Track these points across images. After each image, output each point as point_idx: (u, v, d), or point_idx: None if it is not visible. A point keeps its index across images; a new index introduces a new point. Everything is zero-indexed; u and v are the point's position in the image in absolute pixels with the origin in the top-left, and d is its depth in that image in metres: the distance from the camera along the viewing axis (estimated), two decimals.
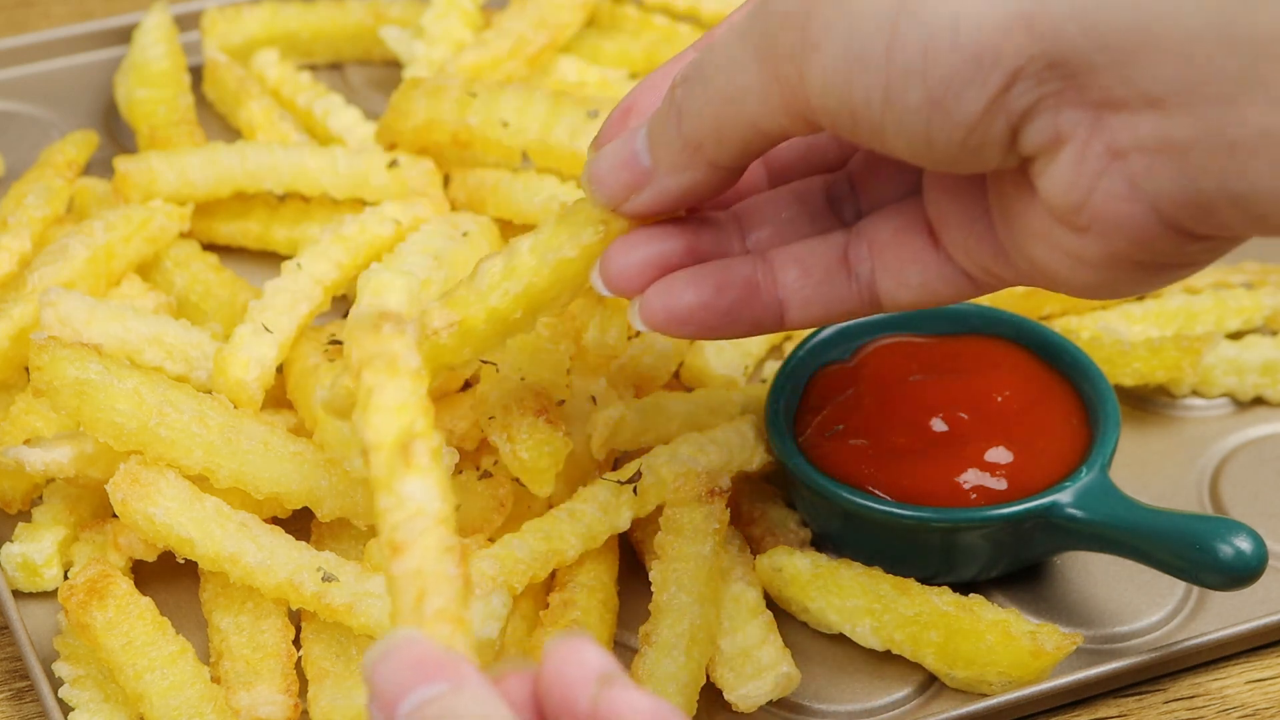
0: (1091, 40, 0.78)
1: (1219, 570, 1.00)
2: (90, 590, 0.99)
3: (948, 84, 0.80)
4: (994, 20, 0.79)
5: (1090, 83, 0.80)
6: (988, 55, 0.79)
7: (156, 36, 1.31)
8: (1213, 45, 0.77)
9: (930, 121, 0.82)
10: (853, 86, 0.82)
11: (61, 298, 1.08)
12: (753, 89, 0.86)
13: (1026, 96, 0.81)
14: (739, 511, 1.08)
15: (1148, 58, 0.78)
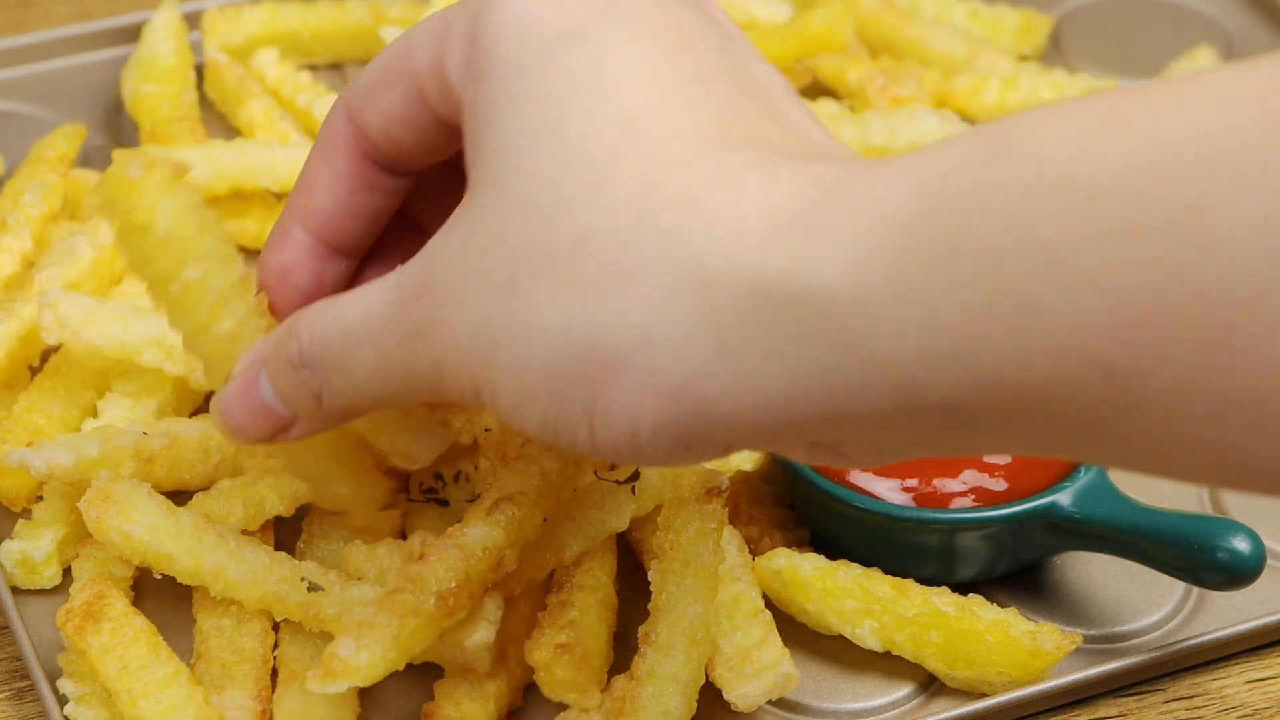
0: (796, 437, 0.78)
1: (1218, 570, 1.00)
2: (86, 614, 0.99)
3: (674, 457, 0.80)
4: (690, 427, 0.78)
5: (799, 455, 0.83)
6: (698, 445, 0.79)
7: (166, 33, 1.31)
8: None
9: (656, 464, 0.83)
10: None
11: (60, 300, 1.08)
12: (419, 396, 0.85)
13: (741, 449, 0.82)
14: (738, 511, 1.08)
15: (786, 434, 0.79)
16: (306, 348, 0.87)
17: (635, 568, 1.07)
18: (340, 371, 0.86)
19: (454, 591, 0.95)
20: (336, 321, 0.87)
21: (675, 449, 0.79)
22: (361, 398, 0.86)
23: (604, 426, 0.78)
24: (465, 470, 1.09)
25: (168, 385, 1.11)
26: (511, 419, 0.80)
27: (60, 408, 1.11)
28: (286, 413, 0.89)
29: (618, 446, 0.79)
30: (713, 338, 0.75)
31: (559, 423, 0.79)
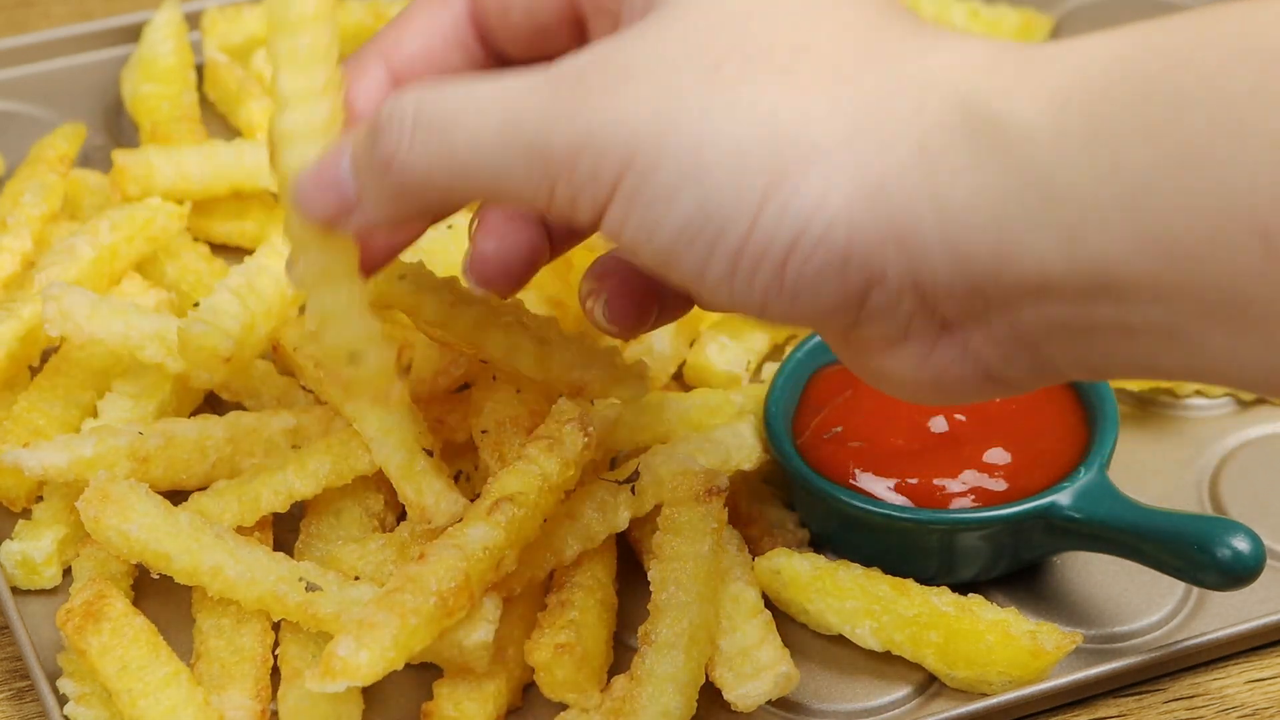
0: (956, 265, 0.77)
1: (1218, 570, 1.00)
2: (86, 614, 0.99)
3: (806, 278, 0.79)
4: (867, 230, 0.77)
5: (944, 304, 0.79)
6: (855, 261, 0.78)
7: (166, 33, 1.31)
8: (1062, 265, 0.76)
9: (770, 297, 0.80)
10: (690, 248, 0.80)
11: (64, 293, 1.08)
12: (509, 182, 0.83)
13: (880, 302, 0.80)
14: (737, 512, 1.08)
15: (1004, 273, 0.78)
16: (406, 107, 0.84)
17: (635, 568, 1.07)
18: (441, 132, 0.83)
19: (454, 591, 0.95)
20: (456, 92, 0.84)
21: (834, 272, 0.78)
22: (443, 172, 0.83)
23: (772, 217, 0.78)
24: (465, 470, 1.09)
25: (167, 385, 1.11)
26: (654, 207, 0.79)
27: (60, 408, 1.11)
28: (353, 188, 0.87)
29: (777, 244, 0.78)
30: (917, 140, 0.77)
31: (717, 209, 0.78)
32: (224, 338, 1.06)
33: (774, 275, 0.79)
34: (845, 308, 0.80)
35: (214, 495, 1.05)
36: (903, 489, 1.04)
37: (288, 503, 1.06)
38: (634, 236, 0.80)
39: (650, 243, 0.80)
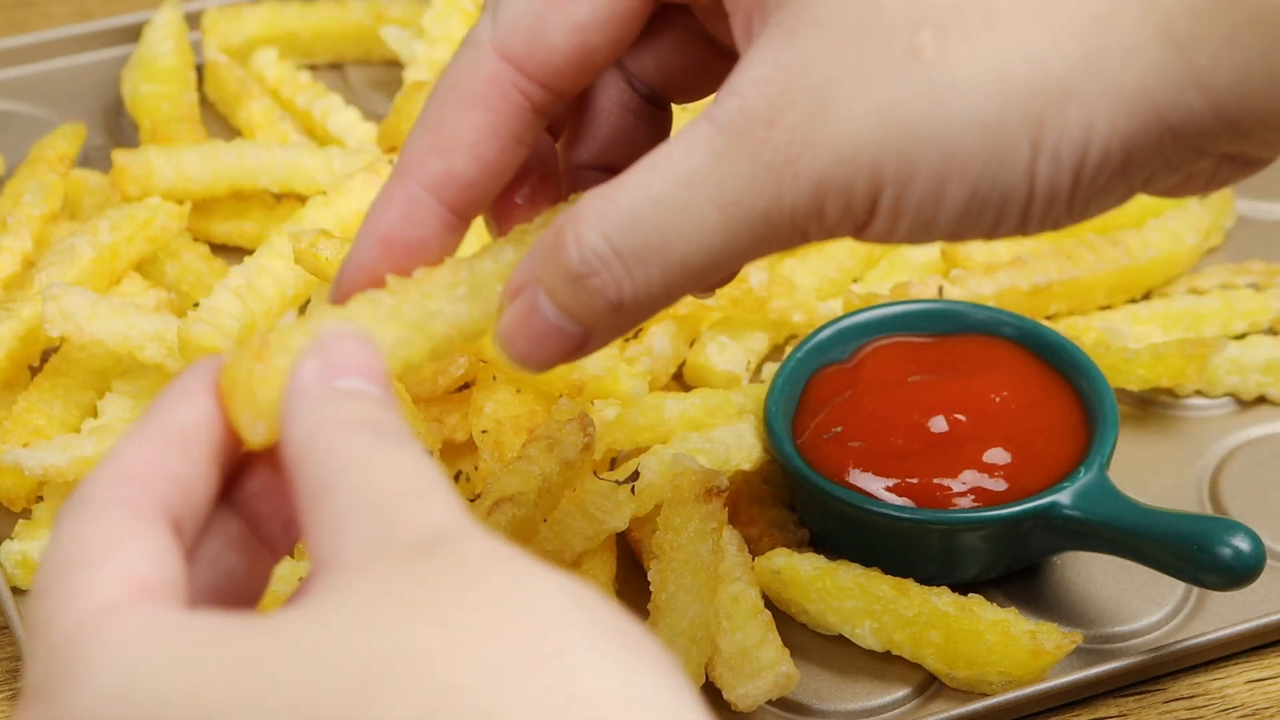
0: (1232, 129, 0.77)
1: (1218, 570, 1.00)
2: None
3: (1094, 196, 0.77)
4: (1139, 137, 0.76)
5: (1224, 151, 0.79)
6: (1136, 165, 0.77)
7: (166, 33, 1.31)
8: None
9: (1063, 222, 0.79)
10: (976, 226, 0.77)
11: (64, 292, 1.08)
12: (755, 253, 0.77)
13: (1161, 174, 0.79)
14: (737, 512, 1.08)
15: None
16: (597, 247, 0.77)
17: (635, 568, 1.07)
18: (662, 253, 0.77)
19: None
20: (636, 198, 0.77)
21: (1118, 178, 0.76)
22: (689, 276, 0.78)
23: (1047, 168, 0.75)
24: (465, 470, 1.09)
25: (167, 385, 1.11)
26: (923, 209, 0.76)
27: (60, 408, 1.11)
28: (578, 330, 0.80)
29: (1061, 187, 0.76)
30: (1165, 37, 0.74)
31: (992, 186, 0.75)
32: (224, 338, 1.06)
33: (1064, 209, 0.77)
34: (1127, 195, 0.79)
35: None
36: (903, 489, 1.04)
37: None
38: (908, 236, 0.77)
39: (930, 233, 0.77)
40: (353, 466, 0.70)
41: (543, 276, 0.79)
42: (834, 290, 1.20)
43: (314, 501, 0.70)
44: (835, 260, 1.20)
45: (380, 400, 0.73)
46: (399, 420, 0.73)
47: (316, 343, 0.74)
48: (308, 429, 0.72)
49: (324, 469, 0.70)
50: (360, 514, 0.68)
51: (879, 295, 1.16)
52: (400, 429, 0.72)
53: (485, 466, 1.07)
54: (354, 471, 0.70)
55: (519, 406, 1.07)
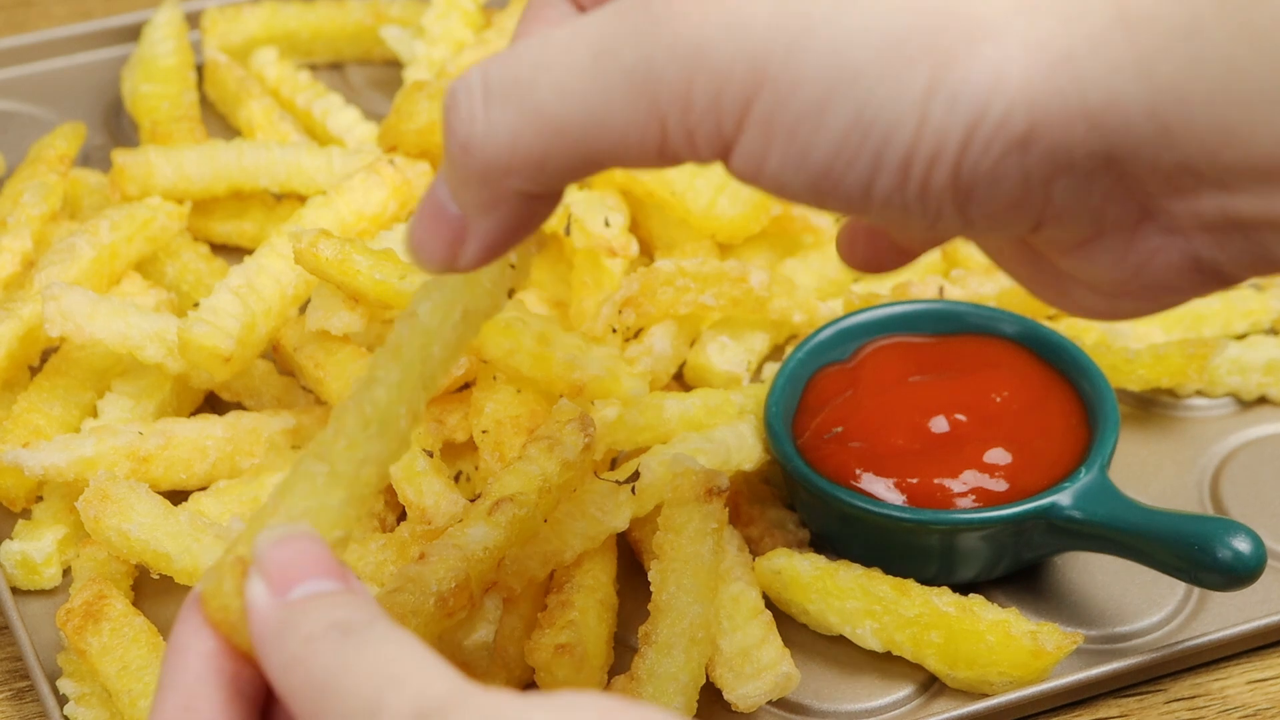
0: (1164, 139, 0.68)
1: (1218, 570, 1.00)
2: (86, 614, 0.99)
3: (983, 170, 0.69)
4: (1052, 108, 0.67)
5: (1145, 182, 0.70)
6: (1040, 144, 0.68)
7: (166, 33, 1.31)
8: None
9: (945, 202, 0.70)
10: (850, 168, 0.69)
11: (64, 293, 1.08)
12: (612, 129, 0.70)
13: (1068, 190, 0.70)
14: (738, 512, 1.08)
15: (1225, 151, 0.68)
16: (471, 79, 0.72)
17: (635, 568, 1.07)
18: (523, 93, 0.71)
19: (454, 592, 0.95)
20: (525, 45, 0.71)
21: (1013, 156, 0.68)
22: (533, 135, 0.71)
23: (941, 108, 0.67)
24: (465, 470, 1.09)
25: (167, 385, 1.11)
26: (799, 128, 0.68)
27: (60, 408, 1.11)
28: (455, 212, 0.76)
29: (950, 140, 0.67)
30: (1114, 5, 0.67)
31: (877, 114, 0.67)
32: (224, 338, 1.06)
33: (949, 175, 0.69)
34: (1028, 202, 0.70)
35: (214, 495, 1.05)
36: (903, 489, 1.04)
37: None
38: (778, 169, 0.70)
39: (800, 171, 0.69)
40: (328, 687, 0.70)
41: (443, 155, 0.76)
42: (834, 290, 1.20)
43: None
44: (836, 260, 1.20)
45: (335, 594, 0.73)
46: (360, 606, 0.72)
47: (256, 561, 0.74)
48: (281, 663, 0.72)
49: (305, 698, 0.71)
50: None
51: (879, 295, 1.16)
52: (365, 617, 0.72)
53: (485, 466, 1.07)
54: (330, 691, 0.70)
55: (519, 406, 1.07)
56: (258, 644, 0.74)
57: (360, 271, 1.05)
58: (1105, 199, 0.71)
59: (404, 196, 1.17)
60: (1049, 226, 0.72)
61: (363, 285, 1.06)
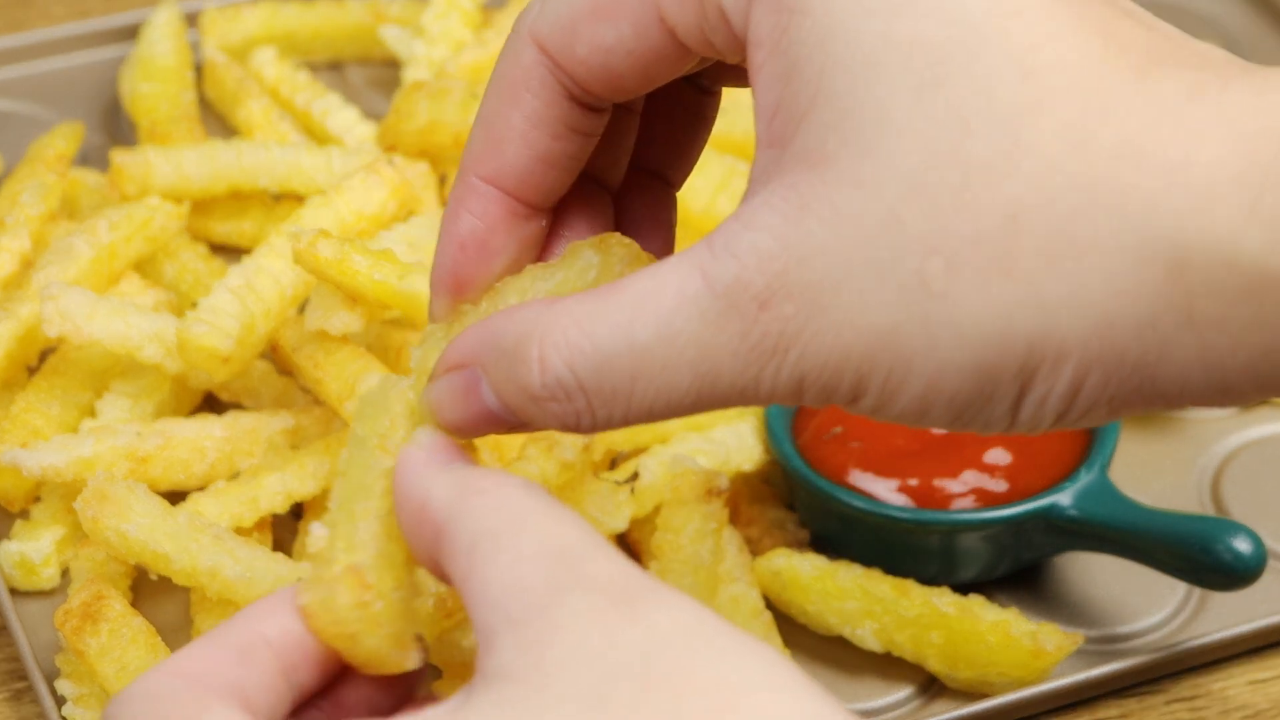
0: (1211, 384, 0.72)
1: (1219, 571, 1.00)
2: (84, 615, 0.99)
3: (1075, 423, 0.74)
4: (1129, 397, 0.72)
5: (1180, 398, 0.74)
6: (1116, 416, 0.73)
7: (165, 32, 1.31)
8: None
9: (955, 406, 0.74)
10: (951, 428, 0.75)
11: (63, 292, 1.08)
12: (729, 400, 0.75)
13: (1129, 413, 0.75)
14: (737, 512, 1.08)
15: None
16: (561, 376, 0.75)
17: None
18: (629, 400, 0.75)
19: (452, 593, 0.94)
20: (614, 342, 0.74)
21: (1100, 418, 0.73)
22: (649, 418, 0.75)
23: (1033, 410, 0.72)
24: None
25: (166, 385, 1.11)
26: (903, 417, 0.73)
27: (58, 408, 1.11)
28: (518, 420, 0.77)
29: (1041, 425, 0.73)
30: (1182, 314, 0.69)
31: (974, 417, 0.73)
32: (223, 338, 1.06)
33: (1034, 432, 0.75)
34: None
35: (213, 496, 1.05)
36: (903, 489, 1.04)
37: (287, 503, 1.06)
38: (894, 419, 0.75)
39: (913, 424, 0.75)
40: (527, 515, 0.71)
41: (491, 371, 0.77)
42: None
43: (483, 552, 0.71)
44: None
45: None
46: (536, 484, 0.74)
47: (415, 443, 0.77)
48: (456, 488, 0.73)
49: (493, 517, 0.71)
50: (546, 559, 0.70)
51: None
52: (544, 491, 0.73)
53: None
54: (530, 519, 0.71)
55: None
56: (410, 475, 0.75)
57: (359, 271, 1.05)
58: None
59: (403, 196, 1.17)
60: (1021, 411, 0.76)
61: (362, 285, 1.05)
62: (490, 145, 0.80)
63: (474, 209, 0.81)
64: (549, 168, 0.81)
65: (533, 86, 0.79)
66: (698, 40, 0.76)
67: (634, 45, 0.77)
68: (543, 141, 0.80)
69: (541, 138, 0.80)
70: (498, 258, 0.82)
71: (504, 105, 0.80)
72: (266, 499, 1.05)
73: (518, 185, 0.81)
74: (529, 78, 0.79)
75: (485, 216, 0.81)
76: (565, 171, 0.82)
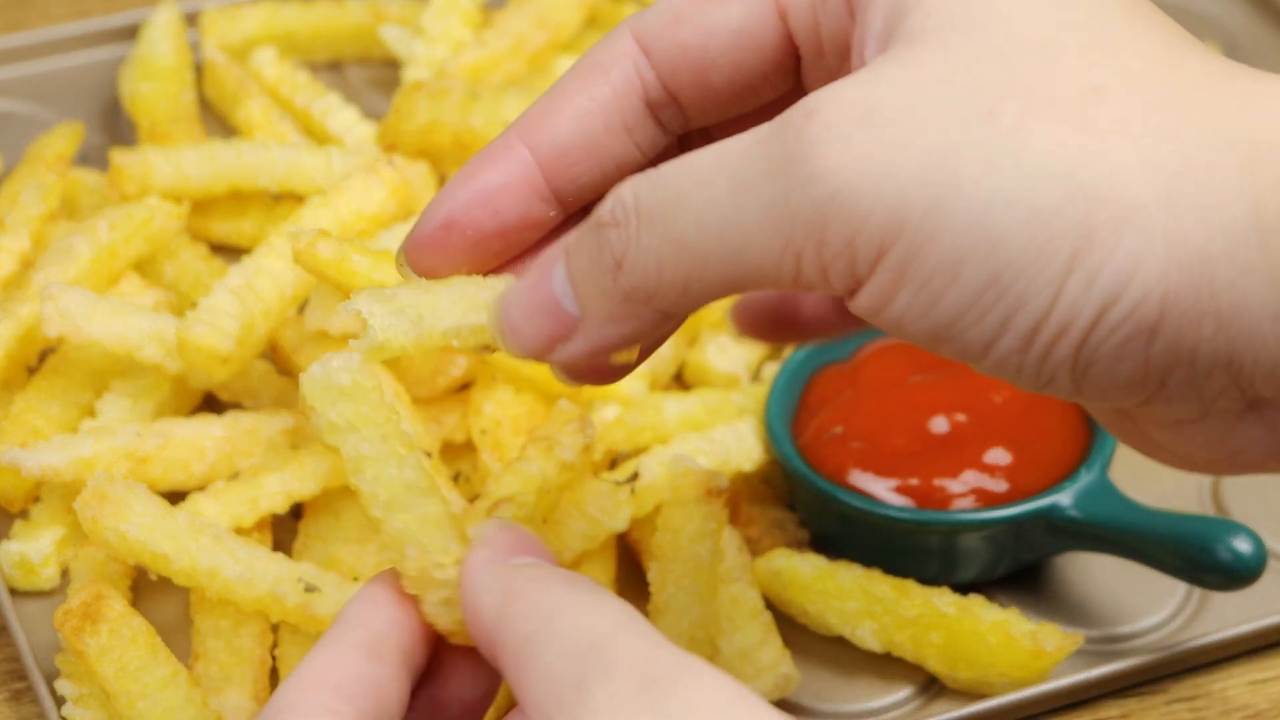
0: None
1: (1219, 571, 1.00)
2: (84, 615, 0.98)
3: (1105, 352, 0.70)
4: (1184, 304, 0.68)
5: (1262, 385, 0.71)
6: (1165, 338, 0.69)
7: (165, 33, 1.31)
8: None
9: (1060, 373, 0.71)
10: (977, 325, 0.69)
11: (62, 293, 1.08)
12: (748, 260, 0.71)
13: (1182, 381, 0.71)
14: (738, 512, 1.08)
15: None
16: (624, 198, 0.73)
17: (635, 568, 1.07)
18: (665, 220, 0.72)
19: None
20: (676, 165, 0.72)
21: (1137, 344, 0.69)
22: (675, 264, 0.72)
23: (1078, 287, 0.68)
24: (464, 471, 1.09)
25: (166, 385, 1.11)
26: (931, 281, 0.69)
27: (58, 408, 1.11)
28: (573, 309, 0.76)
29: (1080, 318, 0.68)
30: (1250, 209, 0.68)
31: (1013, 282, 0.68)
32: (223, 338, 1.06)
33: (1072, 348, 0.70)
34: (1141, 385, 0.71)
35: (212, 496, 1.05)
36: (903, 489, 1.04)
37: (287, 503, 1.06)
38: (900, 314, 0.70)
39: (923, 319, 0.70)
40: (559, 613, 0.72)
41: (571, 241, 0.76)
42: None
43: (523, 654, 0.73)
44: None
45: (557, 569, 0.76)
46: (580, 575, 0.75)
47: (480, 539, 0.78)
48: (500, 595, 0.75)
49: (530, 620, 0.73)
50: (574, 655, 0.71)
51: None
52: (587, 580, 0.74)
53: (484, 467, 1.06)
54: (561, 617, 0.72)
55: (518, 407, 1.07)
56: (472, 585, 0.76)
57: (359, 272, 1.05)
58: (1217, 392, 0.72)
59: (403, 196, 1.17)
60: (1155, 405, 0.73)
61: (361, 285, 1.05)
62: (546, 113, 0.79)
63: (501, 165, 0.79)
64: (590, 158, 0.79)
65: (612, 74, 0.78)
66: (807, 23, 0.76)
67: (740, 25, 0.76)
68: (596, 128, 0.79)
69: (597, 124, 0.79)
70: (495, 219, 0.80)
71: (577, 83, 0.79)
72: (266, 499, 1.05)
73: (553, 161, 0.79)
74: (611, 65, 0.78)
75: (509, 175, 0.79)
76: (601, 173, 0.80)
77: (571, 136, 0.79)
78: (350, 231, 1.14)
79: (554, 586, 0.74)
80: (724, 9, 0.77)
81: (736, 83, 0.79)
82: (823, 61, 0.78)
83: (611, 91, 0.79)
